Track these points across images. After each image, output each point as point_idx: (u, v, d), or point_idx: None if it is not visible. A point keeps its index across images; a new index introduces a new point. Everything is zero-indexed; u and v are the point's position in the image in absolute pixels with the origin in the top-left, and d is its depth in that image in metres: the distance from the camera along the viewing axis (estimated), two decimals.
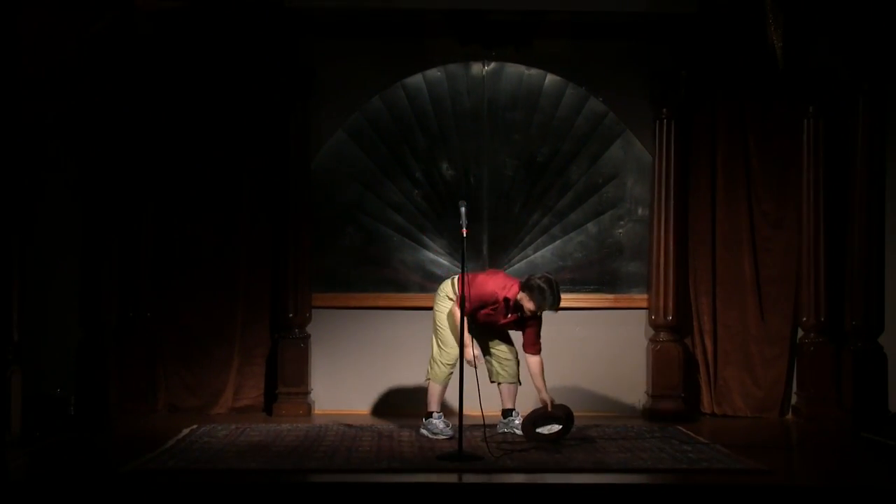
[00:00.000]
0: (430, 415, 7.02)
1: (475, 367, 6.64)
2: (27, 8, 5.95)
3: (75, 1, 6.91)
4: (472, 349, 6.79)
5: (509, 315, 6.93)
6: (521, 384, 7.19)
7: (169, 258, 8.13)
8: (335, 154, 8.33)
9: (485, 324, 7.01)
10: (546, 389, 6.94)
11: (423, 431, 6.98)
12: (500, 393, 7.18)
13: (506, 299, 6.86)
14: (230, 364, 8.13)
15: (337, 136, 8.31)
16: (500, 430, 7.12)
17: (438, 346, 7.05)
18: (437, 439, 6.86)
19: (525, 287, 6.79)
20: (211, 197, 8.14)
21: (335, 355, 8.30)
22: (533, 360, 6.97)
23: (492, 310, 6.92)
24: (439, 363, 7.02)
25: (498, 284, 6.91)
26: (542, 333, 7.07)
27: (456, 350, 6.92)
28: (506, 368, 7.13)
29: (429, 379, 7.07)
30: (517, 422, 7.09)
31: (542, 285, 6.73)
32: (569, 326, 8.17)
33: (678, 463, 6.21)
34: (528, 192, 8.34)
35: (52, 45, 6.89)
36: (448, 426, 6.95)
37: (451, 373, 6.98)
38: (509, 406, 7.18)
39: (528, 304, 6.78)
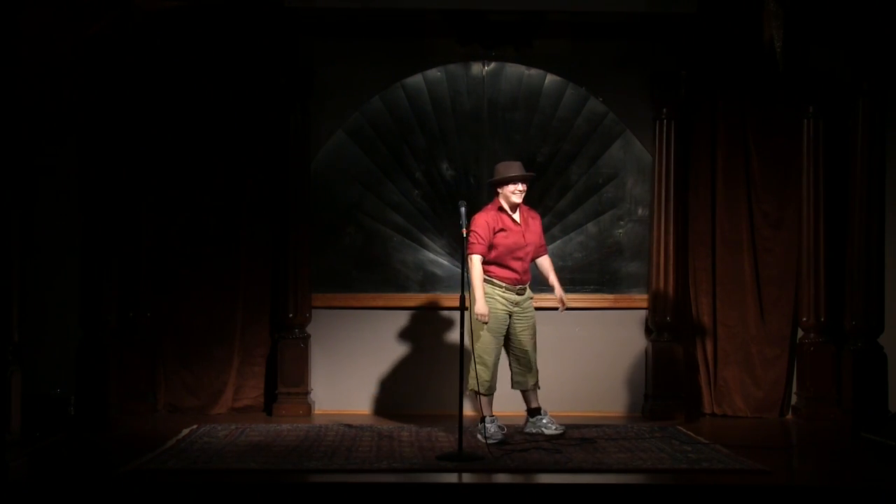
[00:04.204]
0: (482, 419, 6.90)
1: (485, 323, 6.79)
2: (27, 8, 5.95)
3: (75, 1, 6.90)
4: (482, 305, 6.79)
5: (520, 221, 7.01)
6: (540, 388, 7.14)
7: (169, 258, 8.13)
8: (335, 154, 8.33)
9: (515, 250, 6.93)
10: (559, 286, 7.13)
11: (478, 435, 6.82)
12: (524, 396, 7.12)
13: (500, 208, 6.99)
14: (230, 364, 8.13)
15: (337, 136, 8.31)
16: (528, 430, 7.08)
17: (473, 354, 6.94)
18: (487, 442, 6.61)
19: (494, 186, 7.04)
20: (211, 197, 8.14)
21: (335, 355, 8.29)
22: (544, 259, 7.20)
23: (502, 230, 6.93)
24: (477, 370, 6.89)
25: (484, 210, 7.06)
26: (542, 333, 7.18)
27: (489, 357, 6.87)
28: (526, 376, 7.05)
29: (471, 389, 6.91)
30: (545, 420, 7.06)
31: (496, 167, 7.11)
32: (569, 326, 8.17)
33: (678, 463, 6.21)
34: (528, 192, 8.30)
35: (52, 45, 6.89)
36: (501, 430, 6.87)
37: (490, 381, 6.89)
38: (535, 405, 7.12)
39: (508, 190, 6.96)
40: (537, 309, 7.21)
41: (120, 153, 7.86)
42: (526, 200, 8.33)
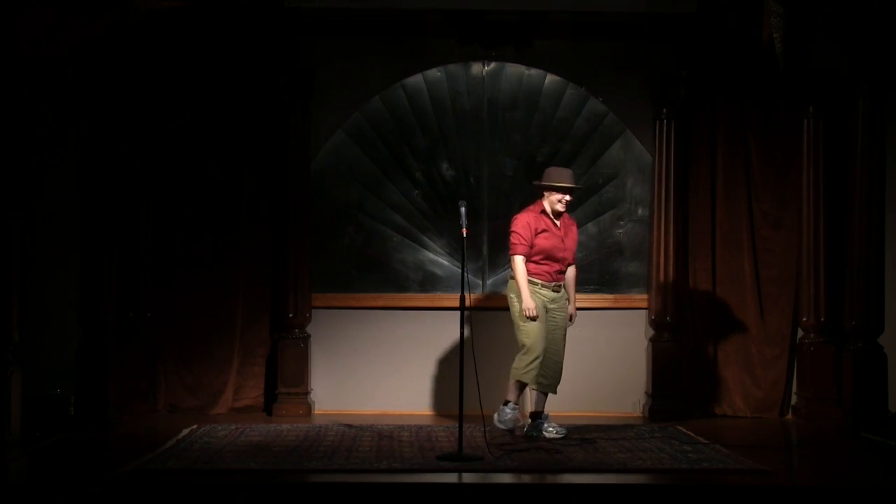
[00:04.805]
0: (505, 402, 6.98)
1: (535, 319, 6.84)
2: (27, 8, 5.95)
3: (75, 1, 6.90)
4: (529, 300, 6.86)
5: (560, 226, 7.06)
6: (556, 394, 7.14)
7: (169, 258, 8.14)
8: (335, 154, 8.33)
9: (553, 253, 6.98)
10: (574, 301, 7.28)
11: (494, 415, 6.94)
12: (533, 397, 7.13)
13: (542, 210, 7.04)
14: (230, 364, 8.13)
15: (337, 136, 8.32)
16: (529, 434, 7.05)
17: (521, 348, 6.98)
18: (499, 428, 6.84)
19: (542, 189, 7.09)
20: (211, 197, 8.14)
21: (335, 355, 8.29)
22: (572, 270, 7.25)
23: (544, 230, 6.97)
24: (520, 360, 6.94)
25: (522, 213, 7.11)
26: None
27: (540, 346, 6.90)
28: (550, 378, 7.04)
29: (517, 380, 6.96)
30: (546, 424, 7.06)
31: (546, 171, 7.15)
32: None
33: (678, 463, 6.21)
34: (529, 192, 8.32)
35: (52, 45, 6.89)
36: (515, 421, 6.90)
37: (532, 370, 6.90)
38: (541, 409, 7.12)
39: (554, 197, 7.01)
40: None
41: (120, 153, 7.84)
42: (525, 199, 8.35)
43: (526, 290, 6.89)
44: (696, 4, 7.80)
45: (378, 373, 8.26)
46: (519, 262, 6.95)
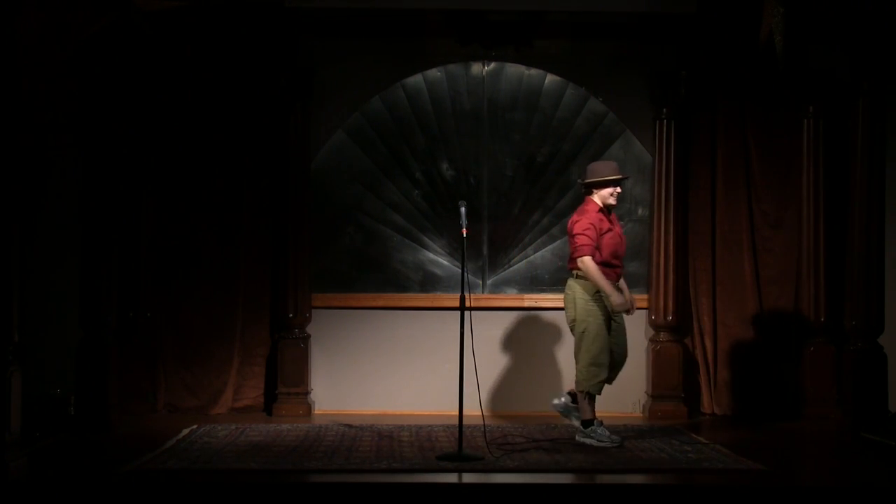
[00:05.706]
0: (590, 422, 6.85)
1: (630, 313, 6.78)
2: (27, 8, 5.95)
3: (75, 1, 6.90)
4: (618, 296, 6.69)
5: (613, 220, 6.94)
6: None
7: (169, 258, 8.13)
8: (335, 154, 8.33)
9: (618, 250, 6.86)
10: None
11: (586, 440, 6.81)
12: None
13: (600, 209, 6.87)
14: (230, 364, 8.13)
15: (337, 136, 8.32)
16: (560, 401, 7.04)
17: (583, 356, 6.86)
18: (600, 446, 6.71)
19: (589, 188, 6.90)
20: (211, 197, 8.14)
21: (335, 355, 8.29)
22: None
23: (608, 230, 6.84)
24: (587, 373, 6.83)
25: (582, 215, 6.86)
26: (541, 333, 7.16)
27: (605, 357, 6.80)
28: (616, 371, 6.96)
29: (583, 391, 6.84)
30: (576, 414, 6.99)
31: (588, 169, 6.95)
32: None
33: (678, 463, 6.22)
34: (528, 192, 8.34)
35: (52, 45, 6.88)
36: (608, 435, 6.80)
37: (604, 381, 6.83)
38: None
39: (605, 191, 6.86)
40: (540, 309, 7.21)
41: (120, 153, 7.84)
42: (525, 199, 8.37)
43: (608, 284, 6.70)
44: (696, 4, 7.80)
45: (378, 373, 8.26)
46: (590, 261, 6.72)
